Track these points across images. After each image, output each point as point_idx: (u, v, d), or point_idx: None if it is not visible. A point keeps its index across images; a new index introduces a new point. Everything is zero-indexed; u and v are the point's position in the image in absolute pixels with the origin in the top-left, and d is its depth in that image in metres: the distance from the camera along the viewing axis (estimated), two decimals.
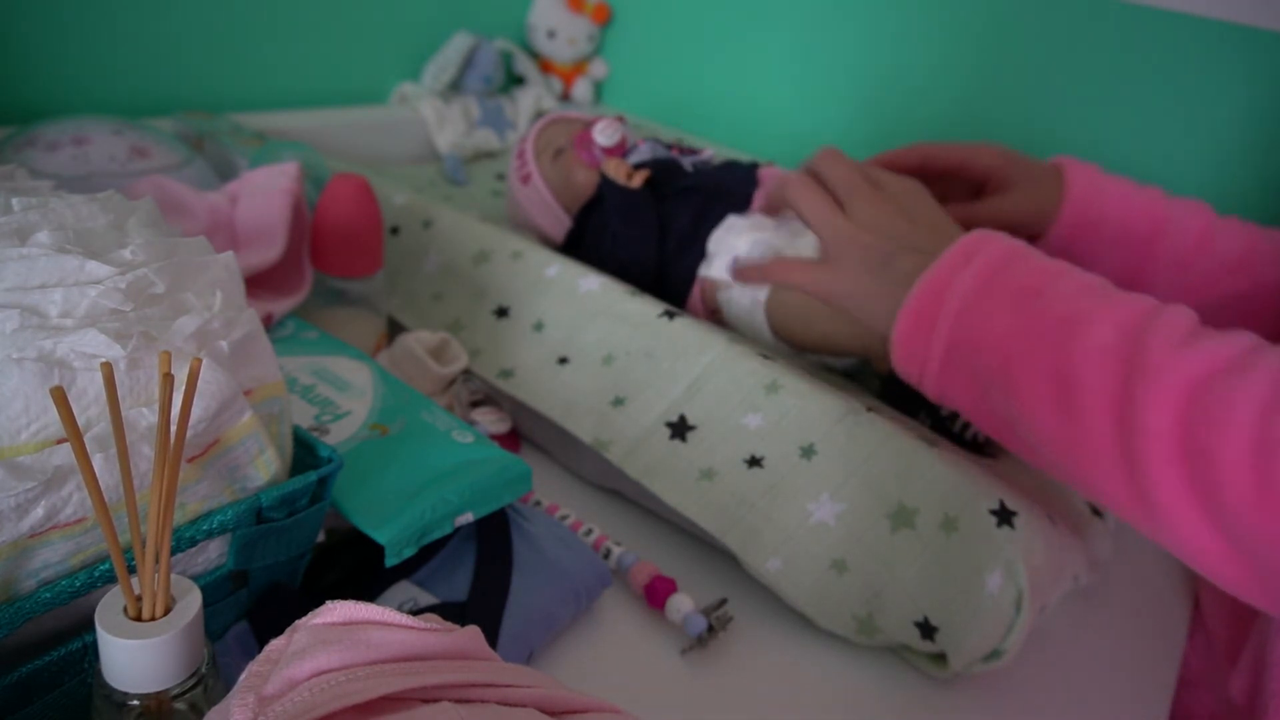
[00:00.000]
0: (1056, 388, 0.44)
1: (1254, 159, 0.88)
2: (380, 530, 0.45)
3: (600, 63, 1.39)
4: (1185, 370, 0.41)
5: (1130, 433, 0.42)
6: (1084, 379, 0.43)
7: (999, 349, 0.47)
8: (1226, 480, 0.39)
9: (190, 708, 0.30)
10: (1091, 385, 0.43)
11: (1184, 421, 0.40)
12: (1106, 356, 0.43)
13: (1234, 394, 0.39)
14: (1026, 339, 0.46)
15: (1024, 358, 0.46)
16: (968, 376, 0.49)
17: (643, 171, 0.90)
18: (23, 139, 0.72)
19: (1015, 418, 0.47)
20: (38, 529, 0.32)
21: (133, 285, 0.36)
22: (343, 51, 1.15)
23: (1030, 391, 0.46)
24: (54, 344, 0.33)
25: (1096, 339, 0.44)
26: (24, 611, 0.32)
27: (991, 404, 0.49)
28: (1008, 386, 0.47)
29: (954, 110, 1.07)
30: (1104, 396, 0.42)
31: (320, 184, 0.76)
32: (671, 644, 0.52)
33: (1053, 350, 0.45)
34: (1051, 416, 0.45)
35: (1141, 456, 0.41)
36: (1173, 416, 0.40)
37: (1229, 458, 0.39)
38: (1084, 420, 0.43)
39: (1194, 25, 0.89)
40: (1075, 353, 0.44)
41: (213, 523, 0.37)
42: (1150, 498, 0.42)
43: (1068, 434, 0.44)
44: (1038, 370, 0.45)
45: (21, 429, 0.32)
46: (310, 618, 0.29)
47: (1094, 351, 0.44)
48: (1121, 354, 0.43)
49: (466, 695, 0.27)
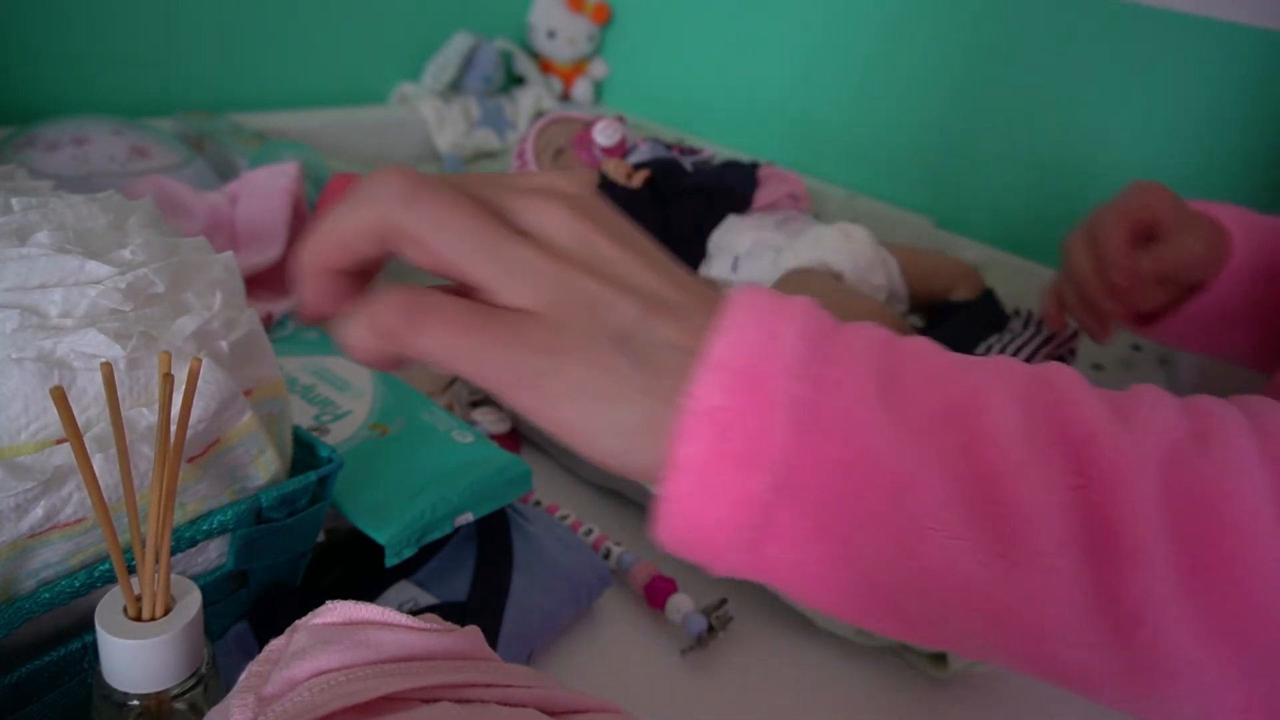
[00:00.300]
0: (977, 519, 0.27)
1: (1217, 146, 0.88)
2: (380, 530, 0.45)
3: (600, 63, 1.39)
4: (1149, 454, 0.27)
5: (1105, 565, 0.26)
6: (1016, 497, 0.26)
7: (876, 468, 0.27)
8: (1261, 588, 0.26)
9: (190, 708, 0.30)
10: (1030, 503, 0.26)
11: (1177, 529, 0.26)
12: (1035, 454, 0.27)
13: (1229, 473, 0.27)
14: (909, 446, 0.27)
15: (917, 479, 0.27)
16: (814, 526, 0.27)
17: (643, 171, 0.90)
18: (23, 139, 0.72)
19: (908, 579, 0.27)
20: (37, 529, 0.32)
21: (133, 285, 0.36)
22: (343, 51, 1.15)
23: (937, 532, 0.27)
24: (54, 344, 0.33)
25: (1007, 432, 0.27)
26: (24, 611, 0.32)
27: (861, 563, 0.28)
28: (896, 530, 0.27)
29: (955, 110, 1.07)
30: (1054, 519, 0.26)
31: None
32: (671, 644, 0.52)
33: (955, 458, 0.27)
34: (977, 567, 0.27)
35: (1129, 594, 0.26)
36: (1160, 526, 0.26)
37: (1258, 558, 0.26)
38: (1033, 562, 0.26)
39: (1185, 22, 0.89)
40: (988, 458, 0.27)
41: (213, 523, 0.37)
42: (1151, 655, 0.27)
43: (1008, 588, 0.27)
44: (941, 497, 0.27)
45: (21, 429, 0.32)
46: (310, 618, 0.29)
47: (1013, 449, 0.27)
48: (1049, 445, 0.27)
49: (466, 695, 0.27)
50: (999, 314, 0.82)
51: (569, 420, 0.28)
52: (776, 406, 0.27)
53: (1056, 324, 0.72)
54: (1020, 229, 1.05)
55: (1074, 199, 1.01)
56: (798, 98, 1.21)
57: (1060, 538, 0.26)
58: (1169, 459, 0.27)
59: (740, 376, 0.27)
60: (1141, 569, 0.26)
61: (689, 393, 0.27)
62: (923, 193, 1.11)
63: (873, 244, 0.84)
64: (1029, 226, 1.04)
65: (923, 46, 1.08)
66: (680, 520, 0.28)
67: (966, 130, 1.07)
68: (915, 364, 0.29)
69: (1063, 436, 0.27)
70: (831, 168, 1.18)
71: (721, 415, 0.27)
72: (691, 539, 0.28)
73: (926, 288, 0.86)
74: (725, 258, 0.85)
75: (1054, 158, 1.01)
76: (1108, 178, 0.98)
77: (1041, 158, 1.02)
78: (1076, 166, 1.00)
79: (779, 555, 0.28)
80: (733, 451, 0.27)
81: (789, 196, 0.93)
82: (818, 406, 0.27)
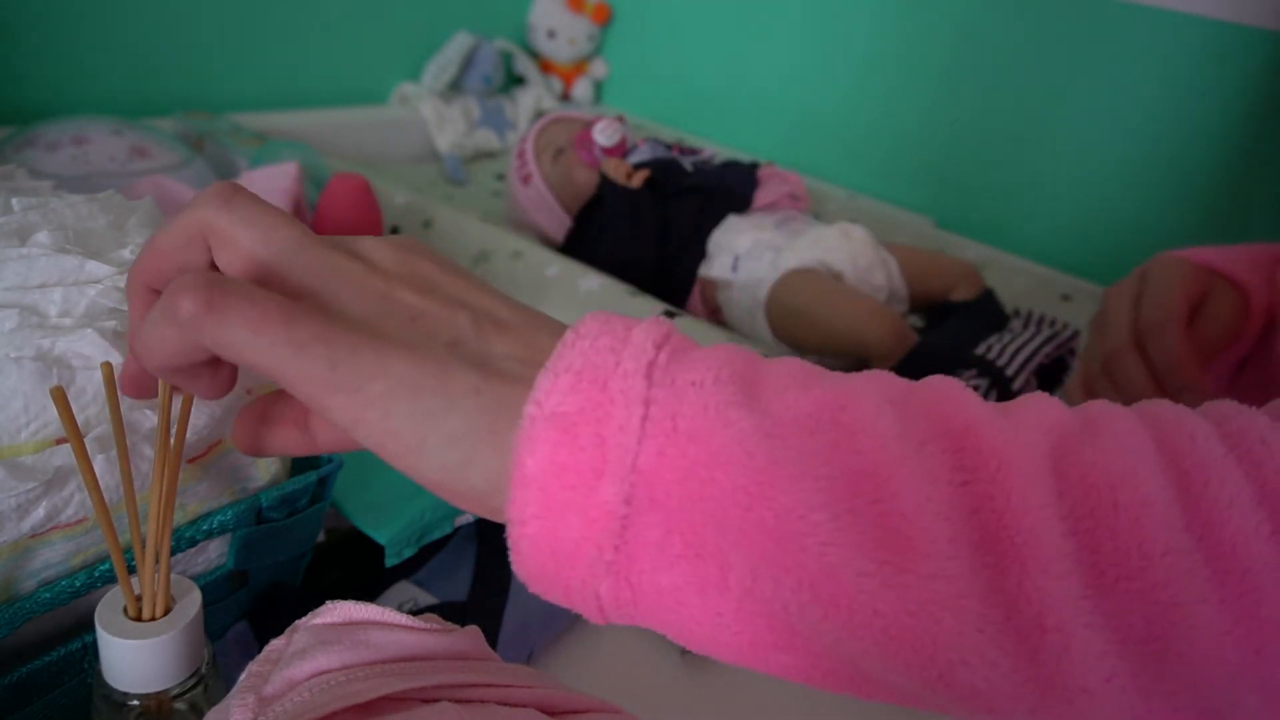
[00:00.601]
0: (851, 522, 0.23)
1: (1218, 145, 0.88)
2: (380, 530, 0.45)
3: (600, 63, 1.39)
4: (1035, 444, 0.24)
5: (999, 565, 0.23)
6: (893, 496, 0.23)
7: (739, 470, 0.23)
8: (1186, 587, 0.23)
9: (190, 708, 0.30)
10: (909, 502, 0.23)
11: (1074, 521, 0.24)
12: (911, 449, 0.24)
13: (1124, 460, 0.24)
14: (775, 447, 0.24)
15: (784, 481, 0.23)
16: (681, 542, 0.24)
17: (643, 171, 0.90)
18: (23, 139, 0.72)
19: (796, 601, 0.24)
20: (39, 529, 0.32)
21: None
22: (343, 51, 1.15)
23: (811, 539, 0.23)
24: (52, 343, 0.33)
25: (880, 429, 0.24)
26: (24, 611, 0.32)
27: (742, 585, 0.24)
28: (771, 543, 0.23)
29: (955, 110, 1.07)
30: (937, 517, 0.23)
31: (320, 184, 0.76)
32: (671, 644, 0.52)
33: (824, 458, 0.24)
34: (858, 577, 0.23)
35: (1029, 597, 0.23)
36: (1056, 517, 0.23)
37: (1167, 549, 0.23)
38: (917, 567, 0.23)
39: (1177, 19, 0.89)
40: (859, 456, 0.24)
41: (213, 523, 0.37)
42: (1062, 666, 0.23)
43: (894, 598, 0.23)
44: (810, 499, 0.23)
45: (21, 428, 0.32)
46: (310, 618, 0.29)
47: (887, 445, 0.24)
48: (926, 441, 0.24)
49: (466, 695, 0.27)
50: (999, 314, 0.82)
51: (395, 430, 0.25)
52: (626, 406, 0.24)
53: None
54: (1020, 229, 1.05)
55: (1074, 199, 1.01)
56: (798, 98, 1.21)
57: (946, 538, 0.23)
58: (1057, 447, 0.24)
59: (587, 378, 0.24)
60: (1040, 566, 0.23)
61: (531, 397, 0.24)
62: (923, 193, 1.11)
63: (873, 244, 0.84)
64: (1029, 226, 1.04)
65: (923, 47, 1.08)
66: (533, 546, 0.24)
67: (966, 130, 1.07)
68: (780, 369, 0.26)
69: (942, 432, 0.25)
70: (831, 168, 1.18)
71: (566, 419, 0.24)
72: (549, 568, 0.25)
73: (926, 288, 0.86)
74: (725, 258, 0.85)
75: (1054, 158, 1.01)
76: (1108, 177, 0.98)
77: (1041, 158, 1.02)
78: (1077, 167, 1.00)
79: (651, 582, 0.24)
80: (580, 459, 0.24)
81: (789, 196, 0.93)
82: (672, 406, 0.24)
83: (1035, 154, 1.02)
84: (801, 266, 0.80)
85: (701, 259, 0.87)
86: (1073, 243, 1.01)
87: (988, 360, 0.70)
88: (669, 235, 0.87)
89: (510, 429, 0.24)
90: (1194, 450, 0.24)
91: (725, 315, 0.86)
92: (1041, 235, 1.03)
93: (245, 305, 0.24)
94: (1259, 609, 0.23)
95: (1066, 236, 1.02)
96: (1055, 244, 1.02)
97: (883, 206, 1.10)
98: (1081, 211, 1.01)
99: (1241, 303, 0.60)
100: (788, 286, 0.79)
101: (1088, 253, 1.00)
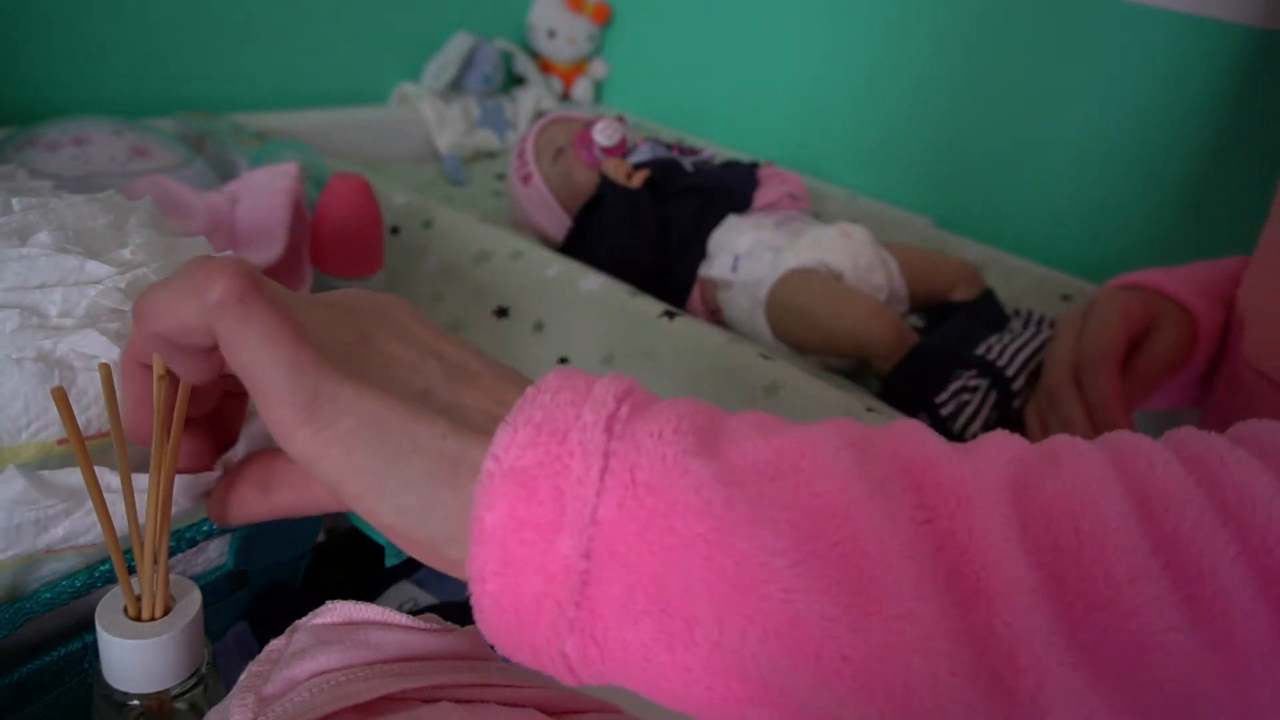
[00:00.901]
0: (814, 566, 0.23)
1: (1220, 145, 0.88)
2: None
3: (600, 63, 1.39)
4: (996, 478, 0.24)
5: (968, 602, 0.23)
6: (854, 539, 0.23)
7: (700, 521, 0.23)
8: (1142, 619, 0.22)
9: (190, 708, 0.30)
10: (871, 542, 0.23)
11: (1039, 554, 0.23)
12: (872, 490, 0.24)
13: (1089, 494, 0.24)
14: (733, 495, 0.23)
15: (745, 529, 0.23)
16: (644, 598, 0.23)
17: (643, 171, 0.90)
18: (23, 139, 0.72)
19: (765, 653, 0.23)
20: (54, 547, 0.32)
21: (132, 285, 0.36)
22: (343, 51, 1.15)
23: (775, 586, 0.23)
24: (53, 344, 0.33)
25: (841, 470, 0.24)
26: (24, 611, 0.32)
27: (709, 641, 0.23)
28: (736, 594, 0.23)
29: (955, 110, 1.07)
30: (901, 557, 0.23)
31: (320, 184, 0.76)
32: None
33: (783, 504, 0.23)
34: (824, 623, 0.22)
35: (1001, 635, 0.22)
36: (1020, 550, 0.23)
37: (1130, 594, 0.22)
38: (884, 609, 0.22)
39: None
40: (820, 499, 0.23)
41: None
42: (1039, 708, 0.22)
43: (863, 643, 0.22)
44: (771, 545, 0.23)
45: (21, 429, 0.32)
46: (310, 618, 0.29)
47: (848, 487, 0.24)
48: (887, 481, 0.24)
49: (466, 695, 0.27)
50: (999, 314, 0.82)
51: (356, 469, 0.25)
52: (585, 459, 0.23)
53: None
54: (1020, 229, 1.05)
55: (1074, 199, 1.01)
56: (798, 98, 1.21)
57: (911, 578, 0.22)
58: (1016, 481, 0.24)
59: (546, 431, 0.24)
60: (1006, 602, 0.22)
61: (490, 451, 0.24)
62: (923, 193, 1.11)
63: (873, 244, 0.84)
64: (1029, 226, 1.04)
65: (923, 47, 1.08)
66: (495, 604, 0.24)
67: (966, 130, 1.07)
68: (740, 420, 0.26)
69: (901, 470, 0.24)
70: (831, 168, 1.18)
71: (525, 473, 0.23)
72: (513, 627, 0.24)
73: (926, 288, 0.86)
74: (725, 258, 0.85)
75: (1054, 158, 1.01)
76: (1109, 177, 0.98)
77: (1042, 158, 1.02)
78: (1077, 167, 1.00)
79: (618, 639, 0.24)
80: (539, 513, 0.23)
81: (789, 196, 0.93)
82: (631, 458, 0.24)
83: (1035, 154, 1.02)
84: (801, 266, 0.80)
85: (701, 259, 0.87)
86: (1073, 243, 1.01)
87: (988, 360, 0.70)
88: (669, 235, 0.87)
89: (471, 480, 0.24)
90: (1153, 475, 0.24)
91: (725, 315, 0.87)
92: (1041, 235, 1.03)
93: (272, 314, 0.25)
94: (1231, 634, 0.22)
95: (1066, 236, 1.02)
96: (1055, 244, 1.02)
97: (883, 206, 1.10)
98: (1081, 211, 1.01)
99: (1190, 327, 0.60)
100: (788, 286, 0.79)
101: (1088, 253, 1.00)
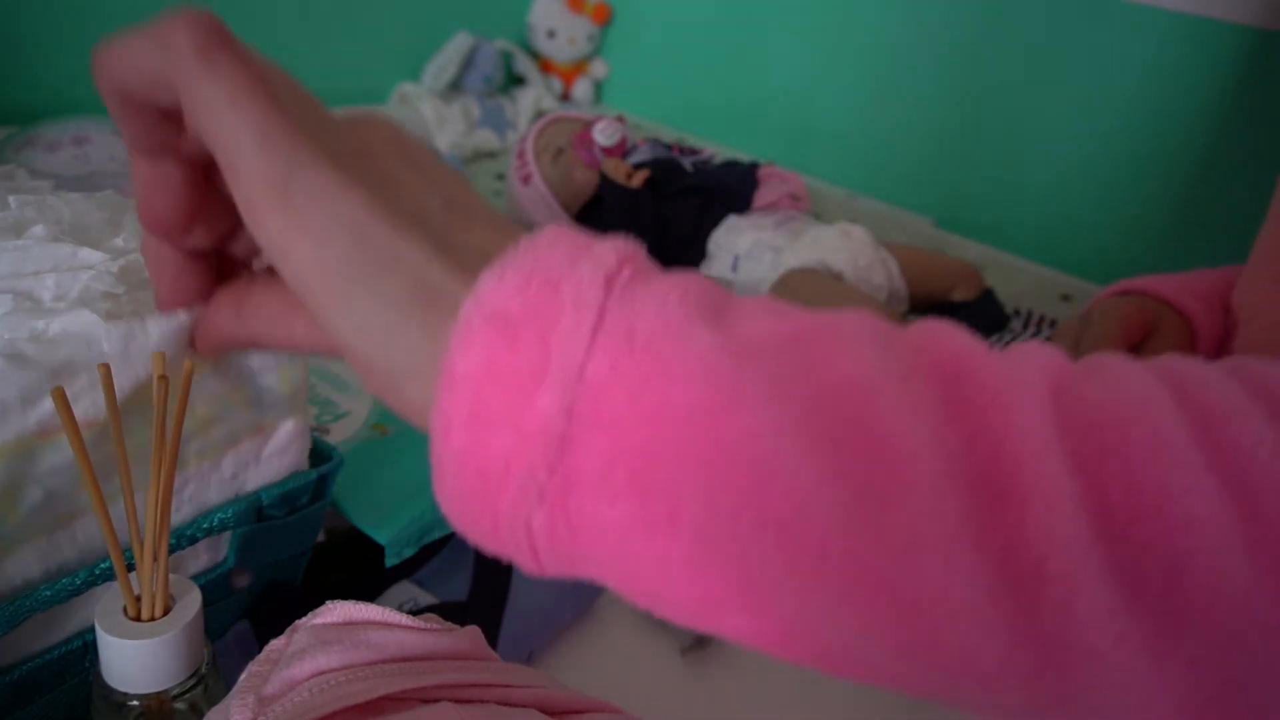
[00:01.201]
0: (824, 449, 0.20)
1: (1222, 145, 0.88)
2: (380, 530, 0.45)
3: (600, 63, 1.39)
4: (1034, 381, 0.22)
5: (995, 504, 0.20)
6: (873, 423, 0.20)
7: (700, 392, 0.20)
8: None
9: (190, 708, 0.30)
10: (891, 429, 0.20)
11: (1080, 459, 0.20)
12: (895, 377, 0.21)
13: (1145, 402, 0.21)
14: (741, 368, 0.21)
15: (749, 405, 0.20)
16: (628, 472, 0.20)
17: (643, 171, 0.90)
18: (23, 139, 0.72)
19: (756, 543, 0.20)
20: (45, 424, 0.31)
21: (124, 269, 0.36)
22: (343, 51, 1.15)
23: (779, 469, 0.20)
24: (47, 324, 0.33)
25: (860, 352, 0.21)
26: (25, 609, 0.32)
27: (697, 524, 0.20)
28: (734, 474, 0.20)
29: (955, 110, 1.07)
30: (924, 447, 0.20)
31: None
32: (671, 644, 0.52)
33: (795, 380, 0.21)
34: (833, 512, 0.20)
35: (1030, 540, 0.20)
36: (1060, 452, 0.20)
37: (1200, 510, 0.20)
38: (900, 503, 0.20)
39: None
40: (836, 379, 0.21)
41: (213, 520, 0.37)
42: (1065, 623, 0.20)
43: (873, 540, 0.20)
44: (778, 423, 0.20)
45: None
46: (310, 618, 0.29)
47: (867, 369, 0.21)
48: (913, 371, 0.21)
49: (466, 695, 0.27)
50: (999, 314, 0.82)
51: (324, 271, 0.22)
52: (578, 311, 0.21)
53: None
54: (1020, 229, 1.05)
55: (1074, 199, 1.01)
56: (798, 98, 1.21)
57: (934, 471, 0.20)
58: (1058, 384, 0.22)
59: (537, 279, 0.21)
60: (1044, 504, 0.20)
61: (472, 293, 0.21)
62: (923, 193, 1.11)
63: (873, 244, 0.84)
64: (1029, 226, 1.04)
65: (923, 47, 1.08)
66: (458, 464, 0.21)
67: (966, 130, 1.07)
68: (752, 300, 0.23)
69: (932, 362, 0.22)
70: (831, 168, 1.18)
71: (508, 318, 0.21)
72: (476, 492, 0.21)
73: (926, 288, 0.86)
74: (725, 258, 0.85)
75: (1054, 158, 1.01)
76: (1109, 178, 0.98)
77: (1042, 158, 1.02)
78: (1077, 167, 1.00)
79: (592, 518, 0.21)
80: (518, 362, 0.21)
81: (789, 196, 0.93)
82: (630, 316, 0.21)
83: (1035, 154, 1.02)
84: (801, 266, 0.80)
85: (701, 259, 0.87)
86: (1073, 243, 1.01)
87: None
88: (669, 235, 0.87)
89: (449, 318, 0.21)
90: (1209, 391, 0.21)
91: None
92: (1041, 235, 1.03)
93: (237, 69, 0.22)
94: None
95: (1066, 236, 1.02)
96: (1055, 244, 1.02)
97: (883, 206, 1.10)
98: (1082, 212, 1.01)
99: (1188, 333, 0.60)
100: (788, 286, 0.79)
101: (1088, 253, 1.00)
